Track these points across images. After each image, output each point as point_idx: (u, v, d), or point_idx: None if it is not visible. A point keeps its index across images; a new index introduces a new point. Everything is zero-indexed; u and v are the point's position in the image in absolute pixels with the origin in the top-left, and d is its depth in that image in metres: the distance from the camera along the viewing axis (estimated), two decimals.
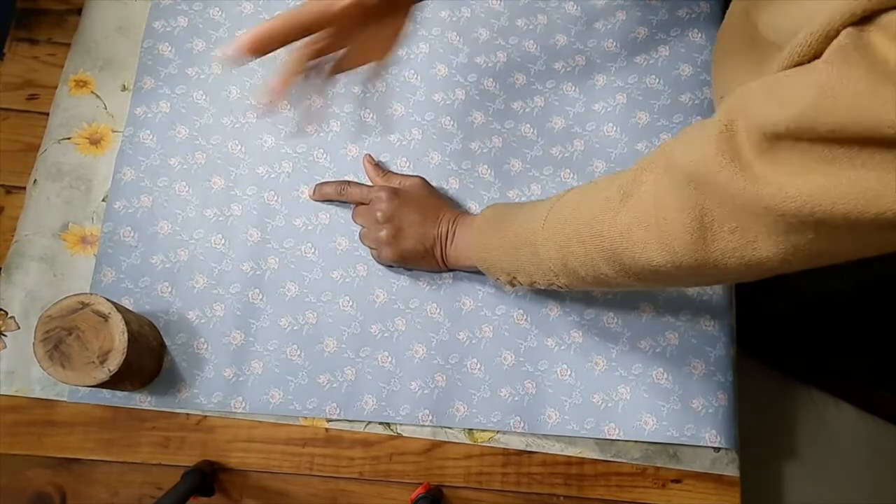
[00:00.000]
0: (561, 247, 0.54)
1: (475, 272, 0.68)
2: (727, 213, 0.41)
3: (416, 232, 0.67)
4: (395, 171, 0.73)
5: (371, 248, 0.70)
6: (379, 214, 0.67)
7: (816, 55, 0.37)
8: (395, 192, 0.68)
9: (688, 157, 0.42)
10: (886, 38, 0.32)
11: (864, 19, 0.33)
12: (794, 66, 0.38)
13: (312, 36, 0.51)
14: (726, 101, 0.42)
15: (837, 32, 0.35)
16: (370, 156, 0.73)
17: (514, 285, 0.63)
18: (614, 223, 0.49)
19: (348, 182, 0.71)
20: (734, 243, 0.42)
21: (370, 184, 0.72)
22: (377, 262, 0.70)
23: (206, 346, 0.69)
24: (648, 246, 0.46)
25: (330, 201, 0.72)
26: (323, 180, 0.72)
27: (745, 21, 0.57)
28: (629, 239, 0.48)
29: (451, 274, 0.71)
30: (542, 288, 0.61)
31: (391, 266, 0.71)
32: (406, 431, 0.68)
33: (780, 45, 0.48)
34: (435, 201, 0.69)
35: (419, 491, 0.66)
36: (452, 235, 0.67)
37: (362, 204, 0.70)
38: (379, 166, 0.73)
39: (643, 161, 0.49)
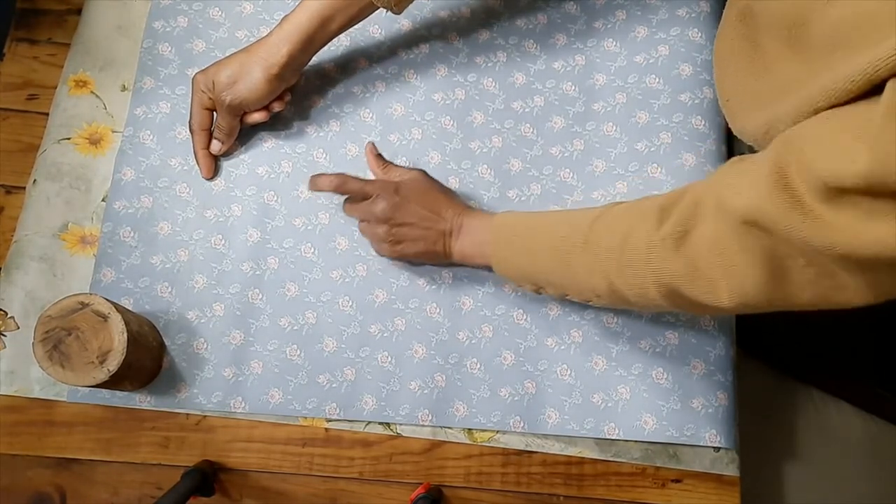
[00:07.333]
0: (607, 275, 0.54)
1: (478, 268, 0.68)
2: (798, 250, 0.42)
3: (418, 228, 0.66)
4: None
5: (372, 241, 0.70)
6: (379, 210, 0.67)
7: (859, 96, 0.38)
8: (395, 188, 0.67)
9: (741, 202, 0.43)
10: None
11: None
12: (834, 105, 0.39)
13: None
14: (773, 146, 0.42)
15: (882, 80, 0.36)
16: (373, 145, 0.73)
17: (539, 294, 0.63)
18: (674, 263, 0.49)
19: (348, 176, 0.71)
20: (810, 275, 0.42)
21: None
22: (378, 254, 0.70)
23: (205, 346, 0.69)
24: (716, 292, 0.47)
25: (330, 201, 0.72)
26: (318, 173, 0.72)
27: (743, 24, 0.57)
28: (692, 282, 0.48)
29: (451, 274, 0.71)
30: (575, 301, 0.61)
31: (392, 260, 0.71)
32: (406, 431, 0.68)
33: (786, 41, 0.48)
34: (436, 195, 0.68)
35: (419, 491, 0.66)
36: (458, 230, 0.66)
37: (363, 198, 0.70)
38: (381, 157, 0.72)
39: (694, 193, 0.49)
